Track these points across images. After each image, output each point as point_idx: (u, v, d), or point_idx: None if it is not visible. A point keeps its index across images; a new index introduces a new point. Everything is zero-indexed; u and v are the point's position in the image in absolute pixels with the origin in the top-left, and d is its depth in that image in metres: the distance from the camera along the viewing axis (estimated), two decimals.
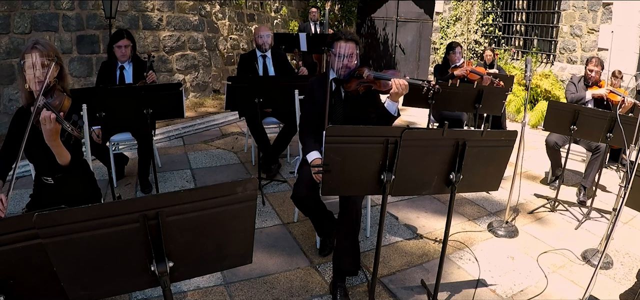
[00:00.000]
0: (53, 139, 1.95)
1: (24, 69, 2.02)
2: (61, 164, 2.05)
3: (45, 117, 1.89)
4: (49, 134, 1.93)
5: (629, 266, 2.89)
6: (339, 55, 2.59)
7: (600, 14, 7.05)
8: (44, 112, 1.90)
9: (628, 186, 2.05)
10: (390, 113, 2.50)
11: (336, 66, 2.62)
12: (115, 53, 3.66)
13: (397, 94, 2.41)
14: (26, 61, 2.00)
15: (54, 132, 1.94)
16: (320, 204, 2.65)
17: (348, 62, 2.59)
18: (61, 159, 2.04)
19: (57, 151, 2.01)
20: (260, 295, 2.43)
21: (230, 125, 6.09)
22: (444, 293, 2.50)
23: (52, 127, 1.91)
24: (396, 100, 2.48)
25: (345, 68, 2.59)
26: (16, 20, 5.19)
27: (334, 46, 2.60)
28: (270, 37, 4.15)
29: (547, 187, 4.33)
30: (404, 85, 2.38)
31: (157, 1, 6.69)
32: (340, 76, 2.62)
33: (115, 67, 3.71)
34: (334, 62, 2.62)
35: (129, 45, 3.67)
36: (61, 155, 2.03)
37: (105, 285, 1.29)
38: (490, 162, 2.05)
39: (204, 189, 1.28)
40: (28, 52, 2.00)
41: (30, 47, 2.02)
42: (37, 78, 2.00)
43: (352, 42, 2.59)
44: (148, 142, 3.57)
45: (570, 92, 4.36)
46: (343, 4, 10.91)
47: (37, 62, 2.00)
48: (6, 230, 1.17)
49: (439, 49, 9.70)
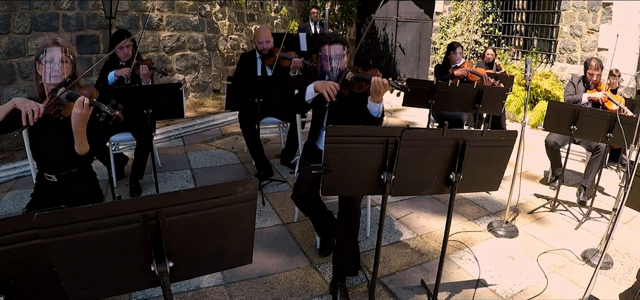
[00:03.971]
0: (81, 125, 1.97)
1: (41, 62, 2.05)
2: (79, 153, 2.06)
3: (80, 102, 1.92)
4: (79, 119, 1.94)
5: (629, 266, 2.89)
6: (327, 59, 2.59)
7: (600, 14, 7.05)
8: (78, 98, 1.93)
9: (628, 186, 2.05)
10: (371, 115, 2.48)
11: (325, 69, 2.62)
12: (116, 53, 3.67)
13: (375, 91, 2.37)
14: (47, 55, 2.04)
15: (84, 118, 1.96)
16: (320, 204, 2.65)
17: (337, 64, 2.58)
18: (81, 148, 2.05)
19: (80, 139, 2.02)
20: (260, 295, 2.43)
21: (230, 125, 6.09)
22: (444, 293, 2.50)
23: (83, 112, 1.94)
24: (377, 100, 2.44)
25: (335, 70, 2.58)
26: (16, 20, 5.19)
27: (320, 50, 2.62)
28: (270, 43, 4.14)
29: (547, 187, 4.33)
30: (381, 83, 2.33)
31: (157, 1, 6.69)
32: (328, 78, 2.60)
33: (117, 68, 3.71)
34: (323, 65, 2.63)
35: (130, 45, 3.69)
36: (82, 143, 2.04)
37: (106, 285, 1.29)
38: (490, 162, 2.05)
39: (204, 189, 1.28)
40: (49, 46, 2.05)
41: (52, 42, 2.06)
42: (54, 71, 2.04)
43: (337, 44, 2.58)
44: (148, 142, 3.57)
45: (569, 93, 4.37)
46: (343, 4, 10.91)
47: (56, 56, 2.04)
48: (6, 230, 1.17)
49: (439, 49, 9.70)
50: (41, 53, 2.06)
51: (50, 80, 2.05)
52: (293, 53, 4.12)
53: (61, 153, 2.09)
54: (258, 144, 3.99)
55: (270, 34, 4.14)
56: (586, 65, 4.29)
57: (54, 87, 2.04)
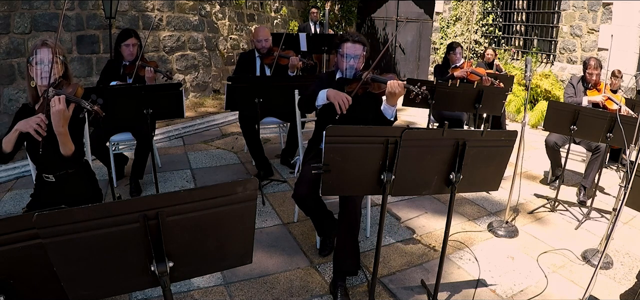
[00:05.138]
0: (61, 124, 1.98)
1: (32, 65, 2.08)
2: (64, 154, 2.07)
3: (56, 99, 1.94)
4: (58, 117, 1.95)
5: (629, 266, 2.89)
6: (345, 56, 2.59)
7: (600, 14, 7.05)
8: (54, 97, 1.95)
9: (628, 186, 2.05)
10: (386, 117, 2.49)
11: (342, 66, 2.63)
12: (122, 51, 3.66)
13: (392, 94, 2.40)
14: (37, 56, 2.08)
15: (64, 116, 1.97)
16: (320, 204, 2.65)
17: (354, 63, 2.59)
18: (65, 149, 2.06)
19: (63, 139, 2.03)
20: (260, 295, 2.43)
21: (230, 125, 6.09)
22: (444, 293, 2.50)
23: (61, 109, 1.95)
24: (392, 104, 2.47)
25: (351, 69, 2.59)
26: (16, 20, 5.19)
27: (340, 47, 2.61)
28: (269, 42, 4.14)
29: (547, 187, 4.33)
30: (398, 86, 2.37)
31: (157, 1, 6.69)
32: (345, 76, 2.62)
33: (120, 67, 3.71)
34: (341, 62, 2.62)
35: (136, 44, 3.68)
36: (66, 144, 2.05)
37: (106, 285, 1.29)
38: (490, 162, 2.05)
39: (204, 189, 1.28)
40: (38, 48, 2.09)
41: (40, 44, 2.10)
42: (44, 72, 2.07)
43: (359, 44, 2.59)
44: (147, 142, 3.57)
45: (568, 95, 4.35)
46: (343, 4, 10.91)
47: (46, 58, 2.07)
48: (6, 230, 1.17)
49: (439, 49, 9.70)
50: (32, 55, 2.09)
51: (41, 82, 2.09)
52: (291, 52, 4.13)
53: (55, 153, 2.10)
54: (258, 144, 3.99)
55: (268, 33, 4.15)
56: (585, 64, 4.29)
57: (46, 88, 2.06)
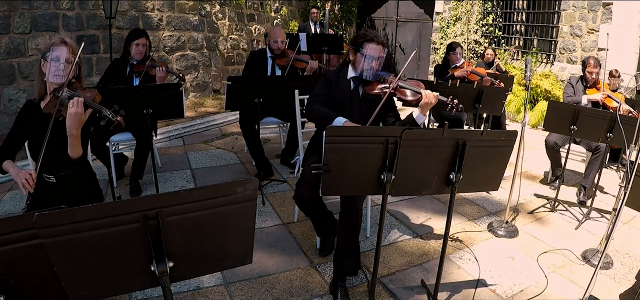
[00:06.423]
0: (75, 127, 1.97)
1: (47, 60, 2.05)
2: (71, 156, 2.06)
3: (75, 101, 1.93)
4: (74, 119, 1.95)
5: (629, 266, 2.89)
6: (366, 57, 2.55)
7: (600, 14, 7.05)
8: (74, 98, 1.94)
9: (628, 186, 2.05)
10: (418, 124, 2.51)
11: (361, 66, 2.58)
12: (130, 50, 3.67)
13: (427, 104, 2.45)
14: (53, 53, 2.05)
15: (79, 120, 1.97)
16: (321, 204, 2.65)
17: (375, 65, 2.57)
18: (73, 151, 2.05)
19: (74, 142, 2.03)
20: (260, 295, 2.43)
21: (230, 125, 6.09)
22: (444, 293, 2.50)
23: (79, 111, 1.94)
24: (425, 113, 2.50)
25: (371, 70, 2.58)
26: (16, 20, 5.19)
27: (363, 47, 2.55)
28: (284, 43, 4.18)
29: (547, 187, 4.33)
30: (433, 97, 2.43)
31: (157, 1, 6.69)
32: (364, 77, 2.60)
33: (126, 65, 3.71)
34: (360, 61, 2.58)
35: (145, 45, 3.70)
36: (76, 146, 2.05)
37: (106, 285, 1.29)
38: (490, 162, 2.05)
39: (204, 189, 1.28)
40: (57, 44, 2.06)
41: (59, 41, 2.07)
42: (59, 70, 2.05)
43: (382, 46, 2.58)
44: (147, 142, 3.57)
45: (568, 94, 4.36)
46: (343, 4, 10.91)
47: (62, 56, 2.05)
48: (6, 230, 1.17)
49: (439, 49, 9.70)
50: (48, 50, 2.06)
51: (53, 79, 2.06)
52: (307, 56, 4.15)
53: (60, 154, 2.09)
54: (258, 144, 3.99)
55: (284, 35, 4.22)
56: (584, 63, 4.29)
57: (57, 87, 2.04)
